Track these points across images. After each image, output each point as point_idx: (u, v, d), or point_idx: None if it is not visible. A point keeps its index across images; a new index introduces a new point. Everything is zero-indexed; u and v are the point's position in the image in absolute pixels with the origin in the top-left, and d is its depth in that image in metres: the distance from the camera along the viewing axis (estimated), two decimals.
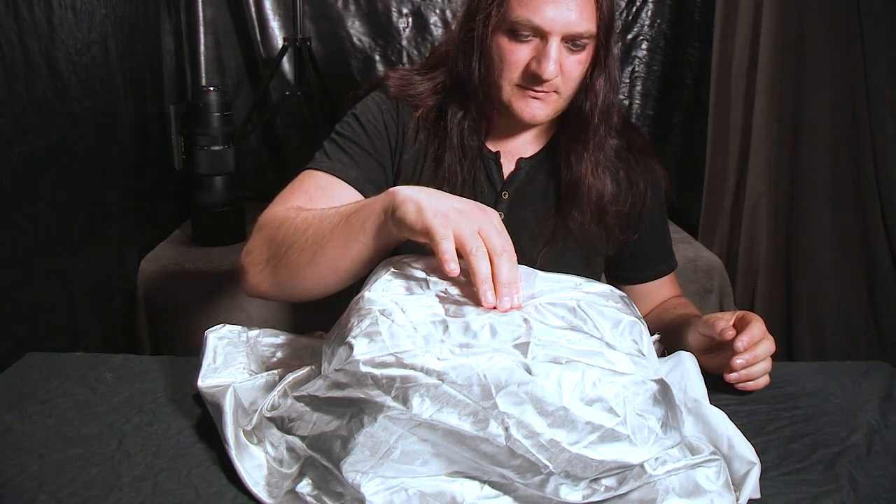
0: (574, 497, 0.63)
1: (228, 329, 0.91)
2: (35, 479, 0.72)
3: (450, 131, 1.04)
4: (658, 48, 2.49)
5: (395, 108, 1.07)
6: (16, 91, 1.17)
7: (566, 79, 0.97)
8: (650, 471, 0.64)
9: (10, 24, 1.15)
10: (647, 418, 0.62)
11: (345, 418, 0.66)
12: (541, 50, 0.94)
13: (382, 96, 1.08)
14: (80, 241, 1.44)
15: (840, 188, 1.94)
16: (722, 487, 0.67)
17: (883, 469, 0.76)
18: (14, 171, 1.15)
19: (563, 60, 0.95)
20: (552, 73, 0.94)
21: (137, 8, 1.81)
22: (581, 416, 0.60)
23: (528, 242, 1.06)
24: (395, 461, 0.64)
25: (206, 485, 0.72)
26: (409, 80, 1.08)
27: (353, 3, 2.41)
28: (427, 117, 1.06)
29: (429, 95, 1.07)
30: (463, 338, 0.66)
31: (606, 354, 0.66)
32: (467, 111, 1.04)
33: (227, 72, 2.47)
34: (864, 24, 1.83)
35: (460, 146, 1.04)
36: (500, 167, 1.07)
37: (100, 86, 1.52)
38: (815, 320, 2.00)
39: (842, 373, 0.99)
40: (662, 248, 1.19)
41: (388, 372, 0.62)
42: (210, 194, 1.98)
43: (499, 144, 1.08)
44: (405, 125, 1.07)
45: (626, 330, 0.70)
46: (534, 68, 0.95)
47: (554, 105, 0.99)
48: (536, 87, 0.96)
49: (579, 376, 0.61)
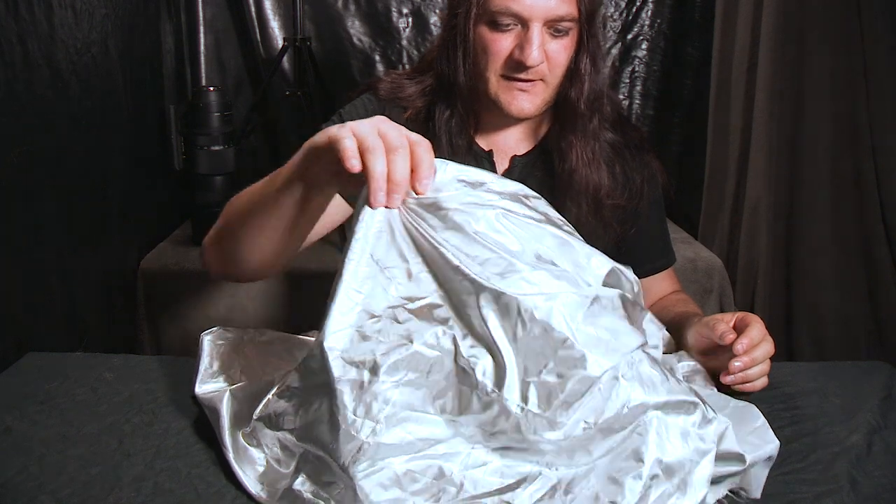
0: (555, 436, 0.63)
1: (223, 331, 0.91)
2: (35, 479, 0.72)
3: (438, 130, 1.03)
4: (658, 48, 2.49)
5: (381, 110, 1.07)
6: (16, 91, 1.17)
7: (552, 65, 0.96)
8: (624, 382, 0.64)
9: (10, 24, 1.15)
10: (597, 328, 0.64)
11: (324, 403, 0.66)
12: (523, 37, 0.94)
13: (371, 98, 1.09)
14: (80, 240, 1.44)
15: (840, 188, 1.94)
16: (706, 441, 0.67)
17: (883, 469, 0.76)
18: (14, 170, 1.15)
19: (546, 47, 0.94)
20: (536, 60, 0.93)
21: (137, 8, 1.81)
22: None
23: None
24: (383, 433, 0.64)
25: (205, 485, 0.72)
26: (399, 83, 1.08)
27: (353, 3, 2.41)
28: (416, 119, 1.06)
29: (417, 97, 1.07)
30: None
31: (526, 276, 0.65)
32: (454, 109, 1.03)
33: (227, 72, 2.46)
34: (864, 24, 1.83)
35: (448, 144, 1.04)
36: (494, 165, 1.07)
37: (100, 86, 1.52)
38: (815, 320, 1.99)
39: (842, 373, 0.99)
40: (660, 243, 1.18)
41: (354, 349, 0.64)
42: (210, 194, 1.98)
43: (491, 143, 1.08)
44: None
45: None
46: (517, 56, 0.94)
47: (541, 96, 0.98)
48: (522, 75, 0.95)
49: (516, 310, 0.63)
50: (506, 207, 0.70)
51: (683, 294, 1.21)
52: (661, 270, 1.18)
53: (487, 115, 1.06)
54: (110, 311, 1.63)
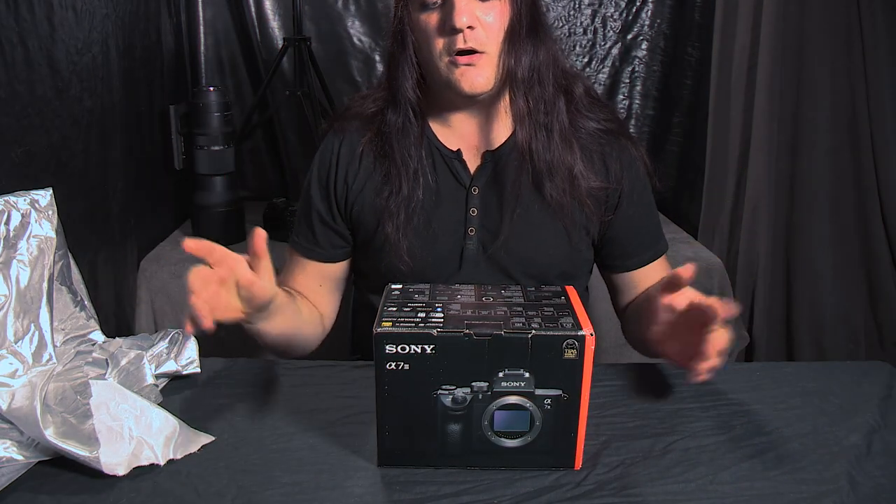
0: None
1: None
2: (35, 478, 0.72)
3: (389, 134, 1.03)
4: (658, 48, 2.49)
5: (336, 150, 1.08)
6: (16, 91, 1.17)
7: (487, 32, 0.95)
8: None
9: (11, 24, 1.15)
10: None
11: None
12: (449, 4, 0.94)
13: (331, 138, 1.10)
14: (81, 240, 1.44)
15: (840, 188, 1.95)
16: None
17: (882, 469, 0.76)
18: (14, 170, 1.15)
19: (476, 13, 0.95)
20: (465, 22, 0.93)
21: (137, 8, 1.81)
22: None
23: (505, 233, 1.03)
24: None
25: (206, 485, 0.72)
26: (360, 108, 1.09)
27: (353, 3, 2.41)
28: (375, 138, 1.06)
29: (375, 115, 1.07)
30: None
31: None
32: (399, 107, 1.03)
33: (227, 72, 2.47)
34: (864, 24, 1.83)
35: (399, 147, 1.03)
36: (465, 164, 1.05)
37: (100, 86, 1.52)
38: (815, 320, 1.99)
39: (842, 373, 0.99)
40: (646, 234, 1.12)
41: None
42: (210, 194, 1.98)
43: (459, 142, 1.06)
44: (346, 162, 1.07)
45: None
46: (448, 23, 0.94)
47: (488, 67, 0.97)
48: (460, 45, 0.95)
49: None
50: None
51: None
52: (650, 262, 1.11)
53: (448, 108, 1.05)
54: (110, 311, 1.63)
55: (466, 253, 1.05)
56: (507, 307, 0.77)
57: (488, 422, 0.73)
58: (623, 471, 0.76)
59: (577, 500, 0.71)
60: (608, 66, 2.51)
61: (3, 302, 0.82)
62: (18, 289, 0.84)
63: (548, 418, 0.73)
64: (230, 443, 0.80)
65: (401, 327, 0.71)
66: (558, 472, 0.75)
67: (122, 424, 0.74)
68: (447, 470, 0.75)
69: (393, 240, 1.02)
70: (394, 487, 0.73)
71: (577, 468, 0.76)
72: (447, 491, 0.72)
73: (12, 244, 0.85)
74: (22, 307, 0.84)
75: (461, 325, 0.72)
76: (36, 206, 0.89)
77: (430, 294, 0.80)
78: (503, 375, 0.72)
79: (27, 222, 0.88)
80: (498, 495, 0.72)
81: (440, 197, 1.04)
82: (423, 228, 1.04)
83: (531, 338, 0.71)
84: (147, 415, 0.76)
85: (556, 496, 0.72)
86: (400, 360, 0.71)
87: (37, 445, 0.74)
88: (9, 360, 0.81)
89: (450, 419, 0.73)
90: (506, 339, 0.71)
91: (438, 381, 0.72)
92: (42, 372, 0.83)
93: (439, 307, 0.76)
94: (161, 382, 0.91)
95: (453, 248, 1.05)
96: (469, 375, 0.72)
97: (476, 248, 1.05)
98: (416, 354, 0.71)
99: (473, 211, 1.04)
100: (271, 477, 0.74)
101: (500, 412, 0.73)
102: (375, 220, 1.05)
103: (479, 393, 0.72)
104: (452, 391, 0.72)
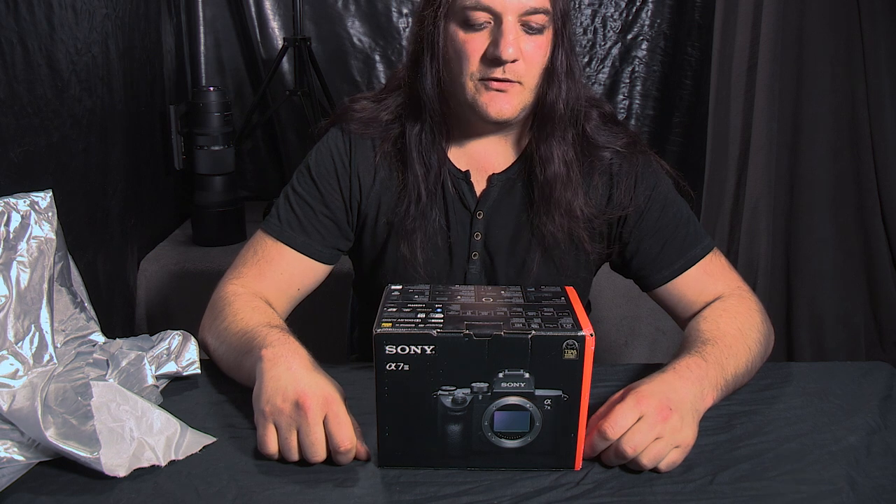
0: None
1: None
2: (36, 479, 0.72)
3: (409, 148, 1.00)
4: (658, 48, 2.49)
5: (348, 150, 1.03)
6: (16, 91, 1.17)
7: (528, 65, 0.93)
8: None
9: (11, 24, 1.15)
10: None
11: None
12: (497, 33, 0.91)
13: (338, 136, 1.04)
14: (81, 241, 1.44)
15: (840, 188, 1.95)
16: None
17: (883, 470, 0.76)
18: (14, 170, 1.15)
19: (521, 45, 0.92)
20: (511, 54, 0.90)
21: (137, 8, 1.81)
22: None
23: (505, 260, 1.03)
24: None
25: (206, 485, 0.72)
26: (372, 115, 1.04)
27: (353, 3, 2.41)
28: (392, 149, 1.02)
29: (390, 124, 1.03)
30: None
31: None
32: (424, 123, 0.99)
33: (227, 72, 2.47)
34: (864, 24, 1.84)
35: (421, 162, 1.00)
36: (472, 186, 1.02)
37: (100, 86, 1.52)
38: (815, 320, 2.00)
39: (842, 373, 0.99)
40: (673, 244, 1.03)
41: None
42: (210, 194, 1.98)
43: (469, 161, 1.03)
44: (360, 168, 1.03)
45: None
46: (492, 52, 0.91)
47: (519, 97, 0.94)
48: (498, 74, 0.92)
49: None
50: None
51: (726, 302, 1.00)
52: (683, 271, 1.03)
53: (464, 128, 1.02)
54: (110, 311, 1.63)
55: (469, 277, 1.03)
56: (507, 308, 0.77)
57: (488, 422, 0.73)
58: (622, 471, 0.76)
59: (576, 499, 0.71)
60: (608, 66, 2.51)
61: (4, 303, 0.82)
62: (19, 290, 0.84)
63: (548, 419, 0.73)
64: (230, 443, 0.80)
65: (400, 328, 0.71)
66: (558, 472, 0.75)
67: (123, 425, 0.74)
68: (447, 470, 0.75)
69: (407, 258, 1.00)
70: (394, 488, 0.73)
71: (577, 468, 0.76)
72: (447, 491, 0.72)
73: (12, 245, 0.85)
74: (22, 308, 0.84)
75: (461, 325, 0.72)
76: (35, 207, 0.89)
77: (429, 295, 0.80)
78: (503, 376, 0.72)
79: (27, 224, 0.88)
80: (498, 495, 0.72)
81: (447, 218, 1.02)
82: (431, 249, 1.02)
83: (531, 338, 0.70)
84: (148, 416, 0.76)
85: (555, 496, 0.72)
86: (400, 361, 0.71)
87: (37, 446, 0.74)
88: (9, 361, 0.81)
89: (450, 420, 0.73)
90: (506, 340, 0.71)
91: (438, 382, 0.72)
92: (43, 373, 0.83)
93: (439, 308, 0.76)
94: (161, 383, 0.91)
95: (457, 270, 1.04)
96: (469, 376, 0.72)
97: (478, 272, 1.04)
98: (416, 355, 0.71)
99: (477, 235, 1.02)
100: (271, 477, 0.74)
101: (500, 413, 0.73)
102: (386, 232, 1.03)
103: (479, 393, 0.72)
104: (452, 392, 0.72)
